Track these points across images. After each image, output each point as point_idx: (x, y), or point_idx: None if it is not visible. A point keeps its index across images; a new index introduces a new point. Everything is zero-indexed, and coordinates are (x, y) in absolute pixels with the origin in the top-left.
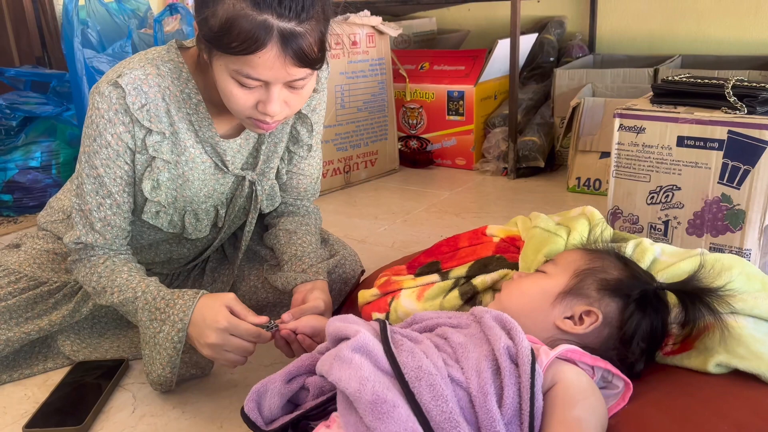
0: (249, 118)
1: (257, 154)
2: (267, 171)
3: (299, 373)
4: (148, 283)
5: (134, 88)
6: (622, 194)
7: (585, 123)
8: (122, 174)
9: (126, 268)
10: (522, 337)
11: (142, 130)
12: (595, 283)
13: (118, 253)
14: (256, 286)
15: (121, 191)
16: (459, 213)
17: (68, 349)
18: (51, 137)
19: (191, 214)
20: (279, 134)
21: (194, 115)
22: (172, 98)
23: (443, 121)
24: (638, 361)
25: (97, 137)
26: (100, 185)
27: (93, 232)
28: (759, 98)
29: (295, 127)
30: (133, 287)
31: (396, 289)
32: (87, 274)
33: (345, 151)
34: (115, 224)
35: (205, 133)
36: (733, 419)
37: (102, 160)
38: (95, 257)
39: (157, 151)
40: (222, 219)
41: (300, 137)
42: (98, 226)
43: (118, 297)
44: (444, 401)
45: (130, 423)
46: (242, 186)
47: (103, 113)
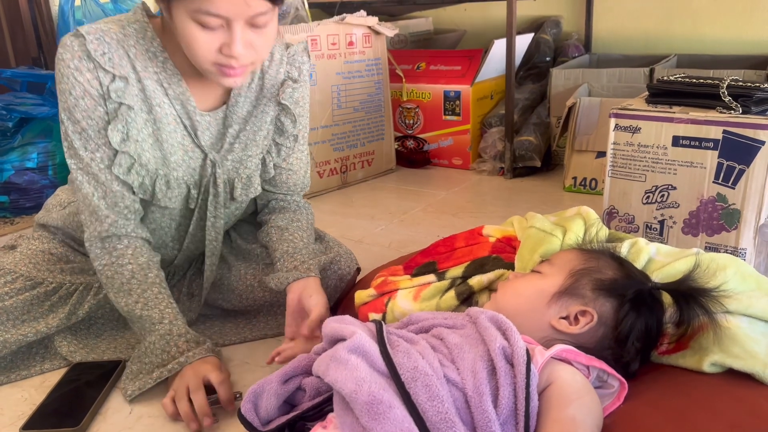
0: (214, 65)
1: (224, 135)
2: (245, 159)
3: (296, 374)
4: (176, 314)
5: (96, 38)
6: (618, 194)
7: (581, 123)
8: (105, 125)
9: (158, 281)
10: (517, 337)
11: (107, 75)
12: (591, 283)
13: (140, 239)
14: (253, 285)
15: (106, 144)
16: (456, 213)
17: (65, 350)
18: (47, 138)
19: (162, 180)
20: (258, 122)
21: (162, 72)
22: (138, 56)
23: (440, 121)
24: (633, 361)
25: (71, 89)
26: (87, 139)
27: (101, 189)
28: (754, 98)
29: (279, 118)
30: (161, 309)
31: (392, 289)
32: (113, 264)
33: (342, 152)
34: (111, 177)
35: (175, 89)
36: (728, 418)
37: (82, 112)
38: (121, 246)
39: (120, 97)
40: (194, 200)
41: (284, 128)
42: (102, 177)
43: (141, 309)
44: (440, 402)
45: (128, 424)
46: (205, 165)
47: (68, 62)
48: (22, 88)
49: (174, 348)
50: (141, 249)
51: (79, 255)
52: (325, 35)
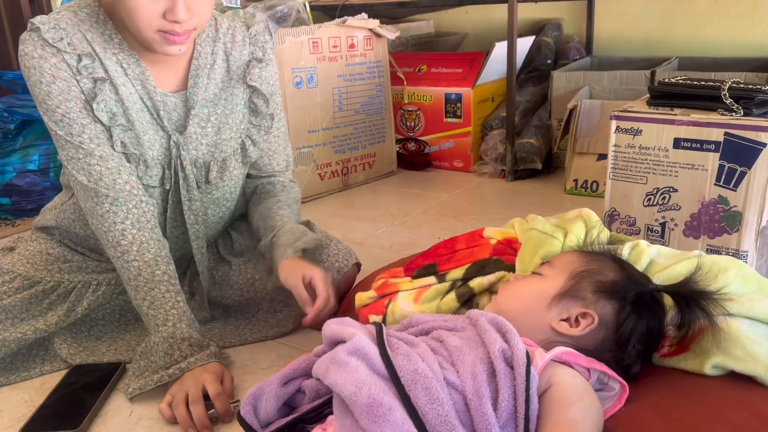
0: (158, 33)
1: (187, 116)
2: (220, 143)
3: (295, 376)
4: (181, 316)
5: (51, 27)
6: (619, 196)
7: (582, 125)
8: (82, 105)
9: (165, 278)
10: (517, 339)
11: (72, 57)
12: (591, 285)
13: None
14: (253, 278)
15: (91, 122)
16: (457, 215)
17: (65, 352)
18: (49, 140)
19: (142, 160)
20: (229, 105)
21: (120, 53)
22: (94, 39)
23: (441, 123)
24: (634, 363)
25: (41, 78)
26: (70, 123)
27: (95, 171)
28: (755, 100)
29: (251, 100)
30: (166, 310)
31: (393, 291)
32: (119, 258)
33: (343, 154)
34: (106, 153)
35: (134, 70)
36: (730, 421)
37: (56, 99)
38: (125, 242)
39: (92, 72)
40: (169, 182)
41: (258, 109)
42: (98, 154)
43: (147, 307)
44: (440, 404)
45: (127, 426)
46: (170, 146)
47: (32, 53)
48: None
49: (177, 352)
50: (147, 244)
51: (77, 254)
52: (326, 38)
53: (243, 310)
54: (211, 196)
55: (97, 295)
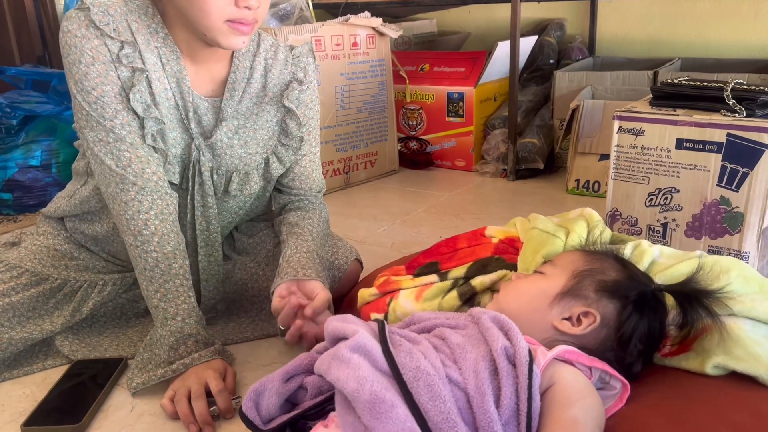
0: (227, 23)
1: (218, 125)
2: (245, 156)
3: (297, 373)
4: (190, 311)
5: (101, 10)
6: (621, 196)
7: (584, 125)
8: (118, 90)
9: (182, 272)
10: (519, 337)
11: (114, 43)
12: (594, 284)
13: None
14: (257, 273)
15: (125, 109)
16: (458, 214)
17: (67, 349)
18: (51, 136)
19: (163, 154)
20: (259, 121)
21: (162, 48)
22: (139, 30)
23: (443, 122)
24: (636, 363)
25: (80, 58)
26: (104, 106)
27: (124, 156)
28: (758, 101)
29: (284, 120)
30: (177, 305)
31: (395, 289)
32: (137, 247)
33: (345, 152)
34: (136, 141)
35: (173, 66)
36: (731, 421)
37: (93, 81)
38: (147, 232)
39: (132, 62)
40: (188, 183)
41: (289, 130)
42: (129, 140)
43: (159, 300)
44: (442, 401)
45: (129, 421)
46: (191, 149)
47: (75, 32)
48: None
49: (182, 347)
50: (168, 236)
51: (84, 251)
52: (329, 36)
53: (245, 307)
54: (225, 204)
55: (103, 296)
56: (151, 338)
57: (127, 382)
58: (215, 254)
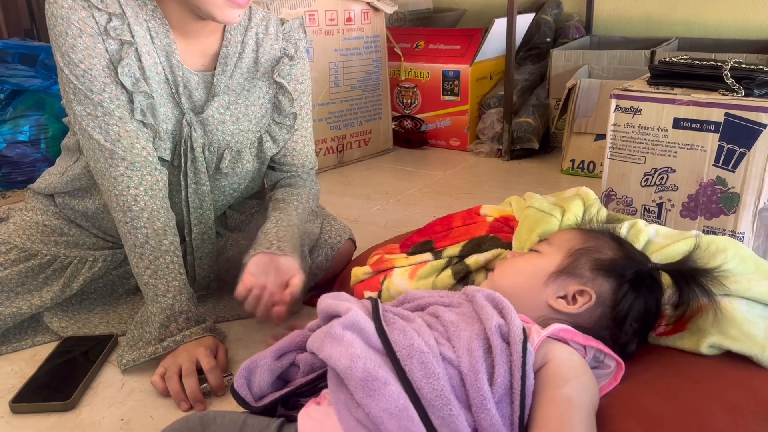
0: None
1: (210, 100)
2: (237, 133)
3: (289, 350)
4: (181, 288)
5: None
6: (617, 176)
7: (580, 104)
8: (106, 63)
9: (172, 248)
10: (514, 316)
11: (102, 15)
12: (589, 262)
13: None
14: (247, 247)
15: (113, 83)
16: (453, 194)
17: (56, 325)
18: (40, 111)
19: (156, 132)
20: (251, 97)
21: (151, 20)
22: (128, 3)
23: (438, 101)
24: (631, 342)
25: (67, 29)
26: (91, 80)
27: (113, 131)
28: (757, 80)
29: (276, 97)
30: (168, 281)
31: (388, 267)
32: (127, 224)
33: (338, 130)
34: (125, 116)
35: (162, 40)
36: (725, 400)
37: (80, 53)
38: (137, 208)
39: (120, 35)
40: (179, 159)
41: (282, 107)
42: (117, 114)
43: (149, 276)
44: (435, 379)
45: (119, 398)
46: (182, 125)
47: (62, 3)
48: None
49: (173, 324)
50: (158, 212)
51: (74, 227)
52: (323, 10)
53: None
54: (218, 183)
55: (93, 272)
56: (141, 316)
57: (117, 360)
58: (209, 232)
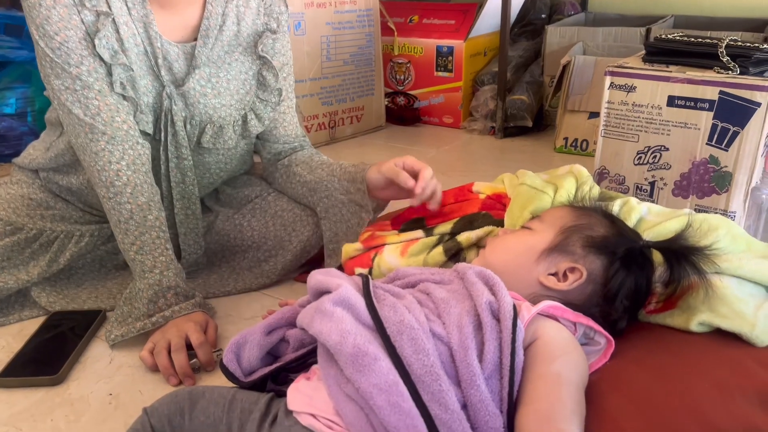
0: None
1: (191, 73)
2: (218, 108)
3: (279, 326)
4: (168, 263)
5: None
6: (610, 154)
7: (575, 82)
8: (83, 35)
9: (157, 223)
10: (504, 293)
11: None
12: (581, 240)
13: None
14: (241, 224)
15: (90, 55)
16: (445, 171)
17: (44, 300)
18: (26, 83)
19: (137, 105)
20: (232, 71)
21: None
22: None
23: (431, 77)
24: (621, 319)
25: (40, 1)
26: (68, 52)
27: (93, 105)
28: (752, 59)
29: (261, 73)
30: (154, 257)
31: (379, 244)
32: (110, 200)
33: (330, 106)
34: (104, 89)
35: (139, 11)
36: (714, 377)
37: (55, 25)
38: (120, 183)
39: (96, 5)
40: (161, 133)
41: (267, 82)
42: (96, 88)
43: (135, 252)
44: (425, 355)
45: (107, 373)
46: (162, 98)
47: None
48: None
49: (162, 300)
50: (141, 187)
51: (60, 201)
52: None
53: (228, 259)
54: (203, 158)
55: (80, 247)
56: (130, 292)
57: (106, 335)
58: (192, 207)
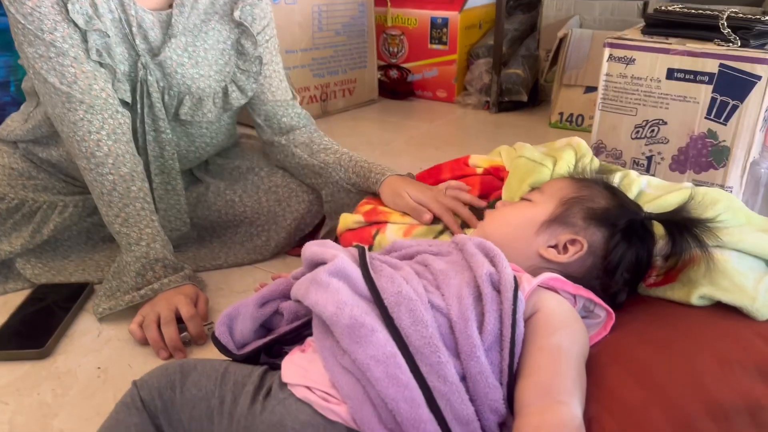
0: None
1: (167, 41)
2: (197, 78)
3: (273, 298)
4: (155, 235)
5: None
6: (607, 128)
7: (571, 56)
8: (56, 1)
9: (141, 194)
10: (505, 264)
11: None
12: (582, 211)
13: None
14: (233, 200)
15: (64, 20)
16: (439, 146)
17: (29, 272)
18: (8, 51)
19: (111, 70)
20: (209, 39)
21: None
22: None
23: (425, 50)
24: (621, 292)
25: None
26: (40, 18)
27: (69, 72)
28: (753, 31)
29: (239, 41)
30: (140, 229)
31: (383, 221)
32: (92, 171)
33: (322, 78)
34: (80, 55)
35: None
36: (714, 350)
37: None
38: (100, 154)
39: None
40: (138, 104)
41: (246, 50)
42: (72, 54)
43: (120, 225)
44: (424, 326)
45: (95, 346)
46: (137, 68)
47: None
48: None
49: (150, 272)
50: (123, 157)
51: (42, 171)
52: None
53: (219, 233)
54: (186, 130)
55: (64, 218)
56: (117, 266)
57: (93, 308)
58: (173, 182)
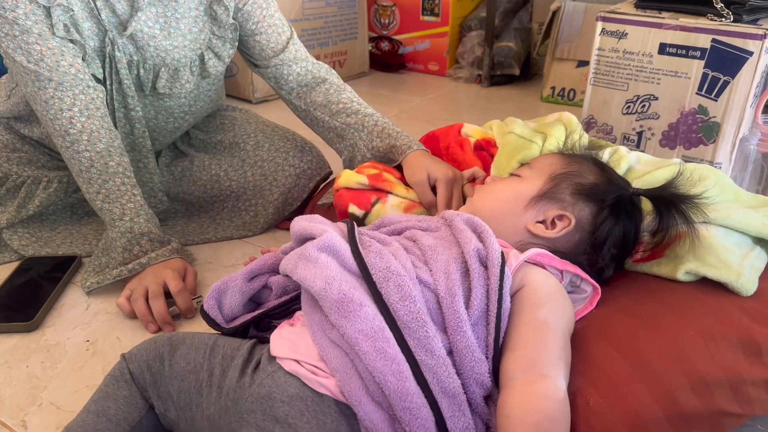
0: None
1: (134, 14)
2: (171, 50)
3: (261, 272)
4: (138, 210)
5: None
6: (598, 103)
7: (564, 29)
8: None
9: (120, 169)
10: (492, 240)
11: None
12: (570, 187)
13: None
14: (218, 174)
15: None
16: (430, 120)
17: (16, 243)
18: None
19: (82, 47)
20: (180, 8)
21: None
22: None
23: (417, 21)
24: (608, 267)
25: None
26: None
27: (35, 50)
28: (746, 5)
29: (211, 7)
30: (122, 204)
31: (386, 189)
32: (68, 149)
33: (312, 49)
34: (45, 32)
35: None
36: (699, 325)
37: None
38: (74, 131)
39: None
40: (110, 79)
41: (218, 17)
42: (36, 31)
43: (102, 201)
44: (412, 301)
45: (84, 320)
46: (105, 43)
47: None
48: None
49: (137, 247)
50: (98, 133)
51: (27, 144)
52: None
53: (206, 208)
54: (164, 103)
55: (49, 193)
56: (105, 242)
57: (81, 282)
58: (144, 161)
